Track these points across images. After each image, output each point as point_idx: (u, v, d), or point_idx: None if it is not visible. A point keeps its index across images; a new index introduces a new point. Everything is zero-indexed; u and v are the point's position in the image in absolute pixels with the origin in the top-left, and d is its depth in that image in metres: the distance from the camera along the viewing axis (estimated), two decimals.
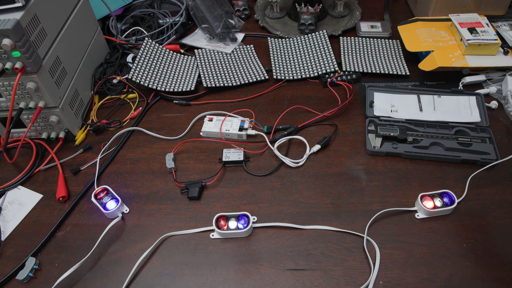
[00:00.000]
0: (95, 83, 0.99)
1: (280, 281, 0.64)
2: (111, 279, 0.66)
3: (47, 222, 0.75)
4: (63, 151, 0.88)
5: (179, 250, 0.69)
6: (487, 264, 0.63)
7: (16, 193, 0.81)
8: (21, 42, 0.70)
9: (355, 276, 0.63)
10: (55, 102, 0.81)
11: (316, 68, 0.99)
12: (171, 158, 0.82)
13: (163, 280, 0.65)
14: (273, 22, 1.19)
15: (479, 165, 0.77)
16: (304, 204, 0.74)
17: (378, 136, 0.81)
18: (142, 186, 0.79)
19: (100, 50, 1.05)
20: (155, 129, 0.90)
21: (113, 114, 0.95)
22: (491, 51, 0.92)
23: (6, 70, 0.72)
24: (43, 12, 0.77)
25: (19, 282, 0.66)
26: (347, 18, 1.17)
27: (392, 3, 1.24)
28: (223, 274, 0.65)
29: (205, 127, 0.88)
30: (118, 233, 0.72)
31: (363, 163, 0.80)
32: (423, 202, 0.69)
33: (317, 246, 0.67)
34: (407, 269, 0.63)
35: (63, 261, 0.69)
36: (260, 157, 0.83)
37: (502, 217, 0.69)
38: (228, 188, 0.78)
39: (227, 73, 1.01)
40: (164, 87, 0.97)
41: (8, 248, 0.72)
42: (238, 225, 0.69)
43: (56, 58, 0.82)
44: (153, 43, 1.03)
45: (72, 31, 0.89)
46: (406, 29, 1.02)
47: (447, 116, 0.85)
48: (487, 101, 0.88)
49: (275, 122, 0.88)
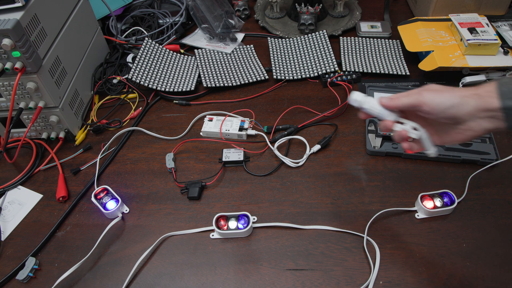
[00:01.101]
0: (95, 83, 0.99)
1: (280, 281, 0.64)
2: (111, 279, 0.66)
3: (47, 222, 0.75)
4: (63, 151, 0.88)
5: (179, 250, 0.69)
6: (487, 264, 0.63)
7: (16, 193, 0.81)
8: (21, 42, 0.70)
9: (355, 276, 0.63)
10: (55, 102, 0.81)
11: (316, 68, 0.99)
12: (171, 158, 0.82)
13: (163, 280, 0.65)
14: (273, 22, 1.19)
15: (479, 165, 0.77)
16: (304, 204, 0.74)
17: (378, 136, 0.81)
18: (142, 186, 0.79)
19: (100, 50, 1.05)
20: (155, 129, 0.90)
21: (113, 114, 0.95)
22: (491, 51, 0.92)
23: (6, 70, 0.72)
24: (43, 12, 0.77)
25: (19, 282, 0.66)
26: (347, 18, 1.17)
27: (392, 3, 1.24)
28: (223, 274, 0.65)
29: (205, 127, 0.88)
30: (118, 233, 0.72)
31: (363, 163, 0.80)
32: (423, 202, 0.69)
33: (317, 246, 0.67)
34: (407, 269, 0.63)
35: (63, 261, 0.69)
36: (260, 157, 0.83)
37: (502, 217, 0.69)
38: (228, 188, 0.78)
39: (227, 73, 1.01)
40: (164, 87, 0.97)
41: (8, 248, 0.72)
42: (238, 225, 0.69)
43: (56, 58, 0.82)
44: (153, 43, 1.03)
45: (72, 31, 0.89)
46: (406, 29, 1.02)
47: None
48: None
49: (275, 122, 0.88)
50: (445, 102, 0.50)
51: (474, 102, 0.49)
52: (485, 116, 0.49)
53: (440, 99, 0.50)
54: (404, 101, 0.53)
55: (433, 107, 0.51)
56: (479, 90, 0.50)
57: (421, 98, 0.51)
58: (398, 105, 0.54)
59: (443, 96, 0.50)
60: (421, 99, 0.51)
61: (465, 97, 0.50)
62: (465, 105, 0.50)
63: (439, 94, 0.51)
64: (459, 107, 0.50)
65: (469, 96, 0.50)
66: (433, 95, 0.51)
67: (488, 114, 0.49)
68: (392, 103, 0.54)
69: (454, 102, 0.50)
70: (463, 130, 0.52)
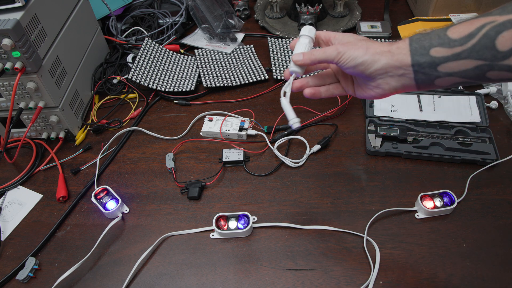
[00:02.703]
0: (95, 83, 0.99)
1: (280, 281, 0.64)
2: (111, 279, 0.66)
3: (47, 222, 0.75)
4: (63, 151, 0.88)
5: (179, 250, 0.69)
6: (487, 264, 0.63)
7: (16, 193, 0.81)
8: (21, 42, 0.70)
9: (355, 276, 0.63)
10: (55, 102, 0.81)
11: None
12: (171, 158, 0.82)
13: (163, 280, 0.65)
14: (273, 22, 1.19)
15: (479, 165, 0.76)
16: (304, 204, 0.74)
17: (378, 136, 0.81)
18: (142, 186, 0.79)
19: (100, 50, 1.05)
20: (155, 129, 0.90)
21: (113, 114, 0.95)
22: None
23: (6, 70, 0.72)
24: (43, 12, 0.77)
25: (19, 282, 0.66)
26: (347, 18, 1.17)
27: (392, 3, 1.24)
28: (223, 274, 0.65)
29: (205, 127, 0.88)
30: (118, 233, 0.72)
31: (363, 163, 0.80)
32: (423, 202, 0.69)
33: (317, 246, 0.67)
34: (407, 269, 0.63)
35: (63, 261, 0.69)
36: (260, 157, 0.83)
37: (502, 217, 0.69)
38: (228, 188, 0.78)
39: (227, 73, 1.01)
40: (164, 87, 0.97)
41: (8, 248, 0.72)
42: (238, 225, 0.69)
43: (56, 58, 0.82)
44: (153, 43, 1.03)
45: (72, 31, 0.89)
46: (406, 29, 1.02)
47: (447, 116, 0.85)
48: (487, 101, 0.88)
49: (275, 122, 0.88)
50: (356, 58, 0.49)
51: (385, 60, 0.48)
52: (395, 74, 0.48)
53: (353, 54, 0.49)
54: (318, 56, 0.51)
55: (345, 62, 0.50)
56: (392, 47, 0.49)
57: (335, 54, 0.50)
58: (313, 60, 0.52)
59: (357, 52, 0.49)
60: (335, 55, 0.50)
61: (377, 54, 0.48)
62: (376, 62, 0.48)
63: (354, 49, 0.49)
64: (369, 64, 0.49)
65: (381, 54, 0.48)
66: (347, 50, 0.49)
67: (398, 72, 0.48)
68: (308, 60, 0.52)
69: (365, 59, 0.48)
70: (373, 86, 0.51)
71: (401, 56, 0.47)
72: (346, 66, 0.50)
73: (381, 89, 0.51)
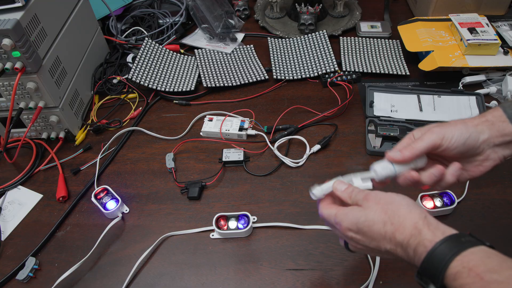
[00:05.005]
0: (95, 83, 0.99)
1: (280, 281, 0.63)
2: (111, 279, 0.66)
3: (47, 222, 0.75)
4: (63, 151, 0.88)
5: (179, 250, 0.69)
6: None
7: (16, 193, 0.81)
8: (21, 42, 0.70)
9: (355, 276, 0.63)
10: (55, 102, 0.81)
11: (316, 68, 0.99)
12: (171, 158, 0.82)
13: (163, 280, 0.65)
14: (273, 22, 1.19)
15: None
16: (304, 204, 0.74)
17: (378, 136, 0.81)
18: (142, 186, 0.79)
19: (100, 50, 1.05)
20: (155, 129, 0.90)
21: (113, 114, 0.95)
22: (491, 51, 0.92)
23: (6, 70, 0.72)
24: (43, 12, 0.77)
25: (19, 282, 0.66)
26: (347, 18, 1.17)
27: (392, 3, 1.24)
28: (223, 274, 0.65)
29: (205, 127, 0.88)
30: (118, 233, 0.72)
31: (363, 163, 0.80)
32: (423, 202, 0.69)
33: (317, 246, 0.67)
34: (407, 269, 0.63)
35: (63, 261, 0.69)
36: (260, 157, 0.83)
37: (502, 217, 0.69)
38: (228, 188, 0.78)
39: (227, 73, 1.01)
40: (164, 87, 0.97)
41: (8, 248, 0.72)
42: (238, 225, 0.69)
43: (56, 58, 0.82)
44: (153, 43, 1.03)
45: (72, 31, 0.89)
46: (406, 29, 1.02)
47: (447, 116, 0.85)
48: (487, 101, 0.88)
49: (275, 122, 0.88)
50: (462, 134, 0.47)
51: (488, 129, 0.48)
52: (501, 142, 0.48)
53: (456, 132, 0.47)
54: (421, 147, 0.48)
55: (452, 142, 0.47)
56: (487, 117, 0.49)
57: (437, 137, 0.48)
58: (416, 154, 0.48)
59: (457, 129, 0.48)
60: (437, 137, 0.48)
61: (477, 125, 0.48)
62: (481, 133, 0.48)
63: (453, 127, 0.48)
64: (476, 137, 0.48)
65: (480, 124, 0.48)
66: (447, 130, 0.48)
67: (504, 139, 0.48)
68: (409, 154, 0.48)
69: (470, 132, 0.47)
70: (481, 161, 0.50)
71: (502, 124, 0.48)
72: (454, 146, 0.48)
73: (491, 160, 0.50)
